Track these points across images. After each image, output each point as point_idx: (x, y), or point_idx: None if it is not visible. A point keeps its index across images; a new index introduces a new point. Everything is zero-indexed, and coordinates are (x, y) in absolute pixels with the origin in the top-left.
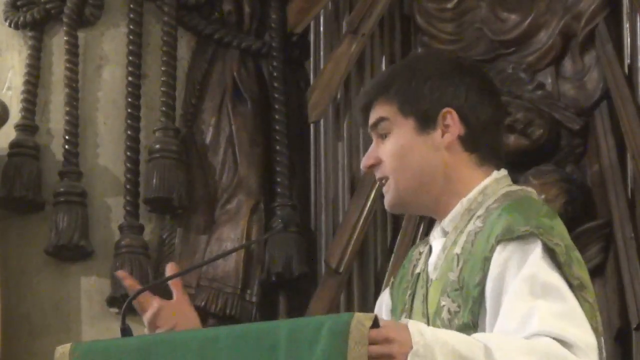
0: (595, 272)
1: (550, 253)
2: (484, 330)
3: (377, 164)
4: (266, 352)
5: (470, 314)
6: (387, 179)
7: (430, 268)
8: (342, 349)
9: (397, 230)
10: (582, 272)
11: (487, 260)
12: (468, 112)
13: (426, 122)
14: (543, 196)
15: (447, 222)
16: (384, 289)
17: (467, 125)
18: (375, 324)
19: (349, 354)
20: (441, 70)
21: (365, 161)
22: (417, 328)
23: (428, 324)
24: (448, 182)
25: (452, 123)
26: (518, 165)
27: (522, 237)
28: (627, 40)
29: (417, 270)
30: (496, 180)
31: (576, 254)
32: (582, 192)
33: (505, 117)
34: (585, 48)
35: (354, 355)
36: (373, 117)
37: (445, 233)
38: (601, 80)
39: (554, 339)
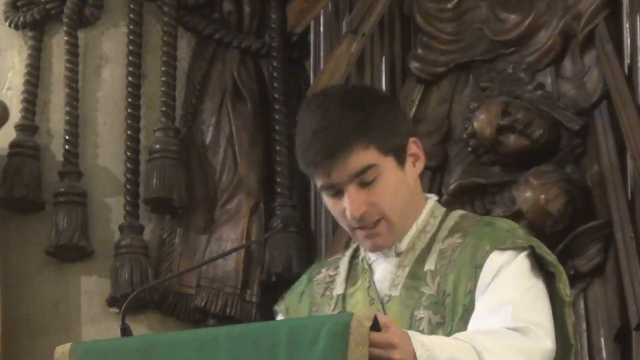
0: (595, 272)
1: (546, 266)
2: None
3: (370, 209)
4: (266, 352)
5: (461, 322)
6: (382, 219)
7: (383, 285)
8: (343, 350)
9: None
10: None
11: (478, 267)
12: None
13: (402, 155)
14: (543, 196)
15: (402, 244)
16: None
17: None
18: (375, 323)
19: (349, 355)
20: (387, 102)
21: (357, 210)
22: (418, 339)
23: None
24: (413, 208)
25: (418, 151)
26: (518, 165)
27: (518, 248)
28: (627, 40)
29: (338, 291)
30: (435, 202)
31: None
32: (582, 192)
33: None
34: (585, 48)
35: (354, 356)
36: (355, 167)
37: (398, 254)
38: (601, 80)
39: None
